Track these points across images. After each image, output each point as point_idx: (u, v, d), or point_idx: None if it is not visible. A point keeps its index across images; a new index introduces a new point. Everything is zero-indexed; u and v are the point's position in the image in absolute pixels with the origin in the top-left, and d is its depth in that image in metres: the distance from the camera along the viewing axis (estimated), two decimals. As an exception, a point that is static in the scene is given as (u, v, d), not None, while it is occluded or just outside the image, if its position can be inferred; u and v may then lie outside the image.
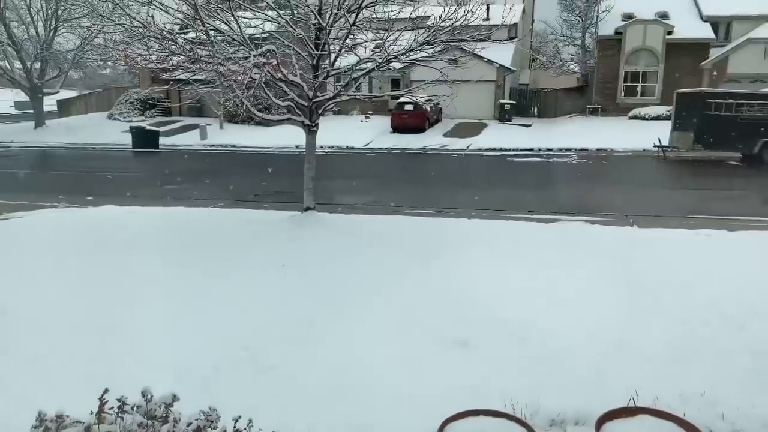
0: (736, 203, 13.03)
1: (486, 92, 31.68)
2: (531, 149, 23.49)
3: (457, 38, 10.35)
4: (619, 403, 3.76)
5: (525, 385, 4.15)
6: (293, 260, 7.90)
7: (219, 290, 6.68)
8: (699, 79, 29.53)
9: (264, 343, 5.20)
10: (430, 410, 3.22)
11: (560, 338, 5.12)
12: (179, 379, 4.34)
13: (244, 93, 9.16)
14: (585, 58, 37.37)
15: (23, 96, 33.77)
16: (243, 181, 17.25)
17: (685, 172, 18.53)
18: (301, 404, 4.05)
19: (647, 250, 8.31)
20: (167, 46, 8.93)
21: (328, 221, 10.43)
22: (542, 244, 8.64)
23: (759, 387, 4.16)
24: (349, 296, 6.40)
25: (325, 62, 10.29)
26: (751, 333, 5.15)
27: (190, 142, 27.67)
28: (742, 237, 9.15)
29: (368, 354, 4.92)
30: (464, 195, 14.34)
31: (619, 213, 11.79)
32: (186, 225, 10.48)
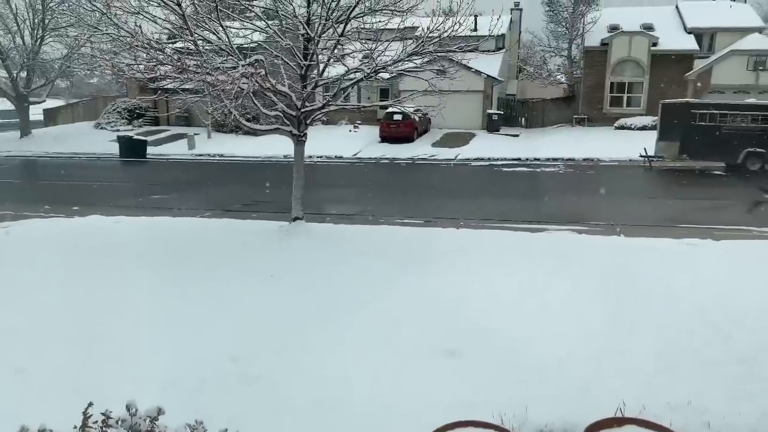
0: (721, 213, 13.17)
1: (474, 102, 31.87)
2: (518, 159, 23.63)
3: (445, 49, 10.43)
4: (606, 414, 3.77)
5: (513, 395, 4.16)
6: (281, 270, 7.86)
7: (206, 301, 6.63)
8: (684, 89, 29.92)
9: (251, 353, 5.17)
10: (418, 422, 3.21)
11: (548, 348, 5.13)
12: (165, 391, 4.31)
13: (233, 103, 9.15)
14: (571, 68, 37.72)
15: (9, 105, 33.47)
16: (231, 191, 17.19)
17: (671, 181, 18.71)
18: (288, 416, 4.02)
19: (634, 259, 8.37)
20: (155, 55, 8.91)
21: (316, 231, 10.41)
22: (530, 254, 8.67)
23: (744, 395, 4.19)
24: (337, 306, 6.38)
25: (314, 72, 10.31)
26: (736, 342, 5.19)
27: (178, 152, 27.55)
28: (727, 246, 9.24)
29: (356, 365, 4.91)
30: (453, 205, 14.38)
31: (606, 222, 11.87)
32: (173, 235, 10.41)
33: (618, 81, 32.28)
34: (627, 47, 31.57)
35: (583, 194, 16.38)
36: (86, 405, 2.86)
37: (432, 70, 11.50)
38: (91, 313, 6.17)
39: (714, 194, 15.86)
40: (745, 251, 8.81)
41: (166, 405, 3.20)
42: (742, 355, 4.91)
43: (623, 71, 32.10)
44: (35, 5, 29.82)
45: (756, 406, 4.03)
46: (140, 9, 8.92)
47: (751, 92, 28.15)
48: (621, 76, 32.20)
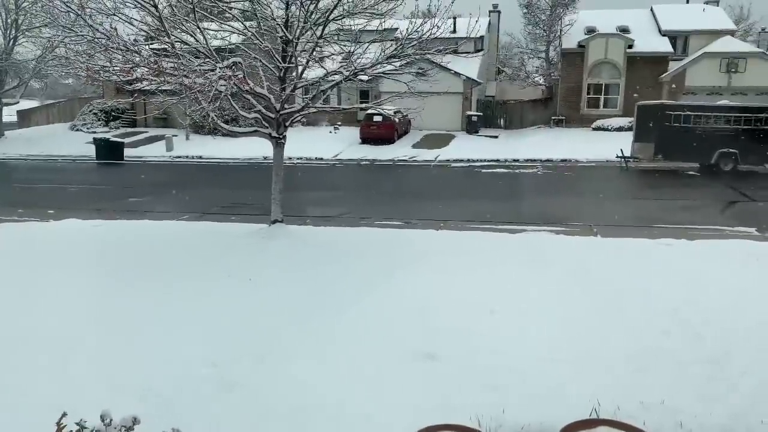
0: (695, 212, 13.42)
1: (454, 104, 32.05)
2: (497, 160, 23.81)
3: (424, 51, 10.47)
4: (582, 414, 3.83)
5: (490, 398, 4.19)
6: (261, 274, 7.83)
7: (183, 305, 6.58)
8: (659, 91, 30.42)
9: (230, 359, 5.14)
10: (397, 427, 3.22)
11: (525, 349, 5.19)
12: (141, 399, 4.28)
13: (210, 105, 9.09)
14: (549, 70, 38.11)
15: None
16: (210, 193, 17.06)
17: (647, 182, 19.01)
18: (266, 423, 4.01)
19: (610, 259, 8.49)
20: (131, 58, 8.81)
21: (296, 234, 10.39)
22: (508, 255, 8.75)
23: (716, 395, 4.28)
24: (316, 310, 6.38)
25: (293, 74, 10.29)
26: (708, 341, 5.30)
27: (155, 154, 27.25)
28: (701, 246, 9.42)
29: (335, 369, 4.91)
30: (433, 206, 14.45)
31: (583, 223, 12.02)
32: (151, 239, 10.30)
33: (595, 82, 32.71)
34: (603, 49, 32.01)
35: (560, 195, 16.57)
36: (60, 415, 2.83)
37: (411, 72, 11.54)
38: (65, 319, 6.08)
39: (688, 194, 16.15)
40: (718, 251, 8.99)
41: (143, 413, 3.17)
42: (714, 354, 5.01)
43: (600, 73, 32.53)
44: (8, 5, 29.26)
45: (726, 406, 4.12)
46: (116, 10, 8.82)
47: (724, 93, 28.72)
48: (598, 78, 32.63)
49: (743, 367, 4.77)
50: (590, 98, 32.88)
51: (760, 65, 29.32)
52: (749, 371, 4.69)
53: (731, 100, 25.13)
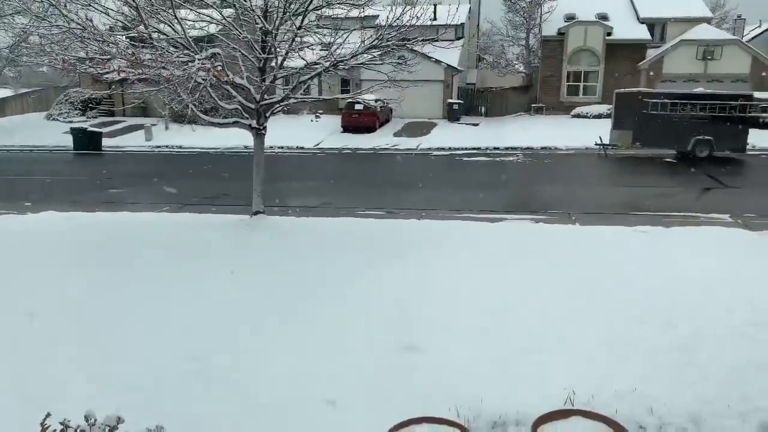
0: (671, 199, 13.66)
1: (435, 92, 32.05)
2: (479, 148, 23.93)
3: (404, 42, 10.48)
4: (557, 404, 3.95)
5: (469, 388, 4.30)
6: (242, 266, 7.85)
7: (164, 299, 6.58)
8: (637, 78, 30.71)
9: (212, 352, 5.18)
10: (378, 418, 3.30)
11: (503, 339, 5.31)
12: (124, 395, 4.30)
13: (190, 97, 9.03)
14: (529, 57, 38.25)
15: (-48, 96, 32.07)
16: (190, 184, 16.94)
17: (625, 169, 19.25)
18: (249, 417, 4.07)
19: (588, 248, 8.63)
20: (107, 49, 8.69)
21: (278, 225, 10.39)
22: (488, 244, 8.85)
23: (686, 382, 4.43)
24: (299, 302, 6.43)
25: (272, 65, 10.23)
26: (680, 329, 5.46)
27: (134, 144, 26.93)
28: (676, 233, 9.61)
29: (317, 361, 4.98)
30: (415, 195, 14.52)
31: (562, 211, 12.19)
32: (130, 231, 10.23)
33: (574, 70, 32.91)
34: (583, 37, 32.18)
35: (540, 183, 16.74)
36: (44, 415, 2.86)
37: (392, 62, 11.54)
38: (44, 316, 6.06)
39: (665, 181, 16.41)
40: (693, 238, 9.18)
41: (126, 408, 3.22)
42: (685, 342, 5.17)
43: (579, 60, 32.73)
44: (-22, -10, 28.52)
45: (694, 391, 4.27)
46: (91, 0, 8.69)
47: (701, 81, 29.11)
48: (577, 65, 32.83)
49: (713, 353, 4.93)
50: (570, 86, 33.09)
51: (735, 53, 29.73)
52: (718, 358, 4.85)
53: (707, 87, 25.53)
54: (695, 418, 3.97)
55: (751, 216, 11.30)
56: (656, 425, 3.92)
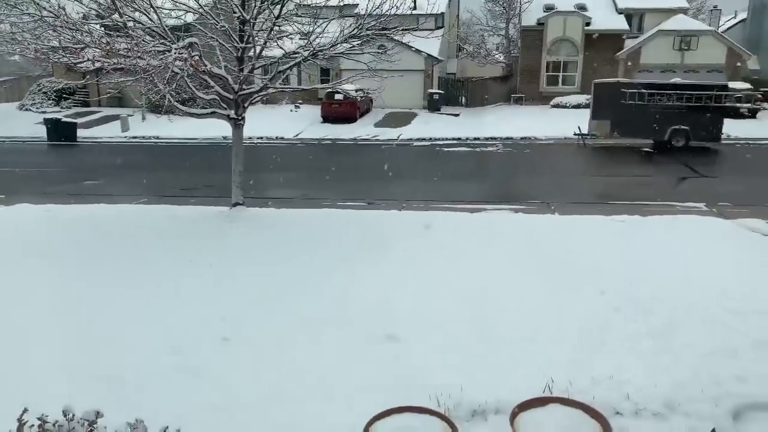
0: (648, 189, 13.86)
1: (415, 82, 32.01)
2: (459, 138, 23.99)
3: (384, 32, 10.45)
4: (536, 391, 4.01)
5: (449, 377, 4.34)
6: (222, 258, 7.81)
7: (143, 292, 6.52)
8: (615, 68, 31.00)
9: (193, 346, 5.15)
10: (359, 408, 3.32)
11: (483, 328, 5.36)
12: (103, 389, 4.26)
13: (167, 87, 8.90)
14: (509, 47, 38.37)
15: None
16: (168, 175, 16.76)
17: (603, 159, 19.47)
18: (232, 410, 4.06)
19: (567, 237, 8.75)
20: (81, 38, 8.53)
21: (257, 216, 10.34)
22: (468, 234, 8.92)
23: (660, 368, 4.53)
24: (278, 293, 6.42)
25: (251, 54, 10.13)
26: (656, 316, 5.56)
27: (110, 134, 26.52)
28: (653, 222, 9.77)
29: (298, 353, 4.98)
30: (395, 186, 14.53)
31: (541, 201, 12.30)
32: (107, 223, 10.11)
33: (553, 60, 33.09)
34: (562, 27, 32.35)
35: (520, 173, 16.87)
36: (21, 410, 2.83)
37: (372, 52, 11.49)
38: (22, 309, 5.97)
39: (642, 171, 16.64)
40: (669, 227, 9.35)
41: (105, 403, 3.19)
42: (660, 328, 5.27)
43: (558, 50, 32.91)
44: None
45: (669, 378, 4.36)
46: (64, -13, 8.51)
47: (677, 71, 29.47)
48: (556, 56, 33.01)
49: (687, 340, 5.04)
50: (549, 76, 33.29)
51: (710, 43, 30.13)
52: (692, 344, 4.96)
53: (684, 77, 25.85)
54: (670, 404, 4.06)
55: (726, 205, 11.52)
56: (632, 411, 4.00)
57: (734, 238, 8.71)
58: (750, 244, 8.42)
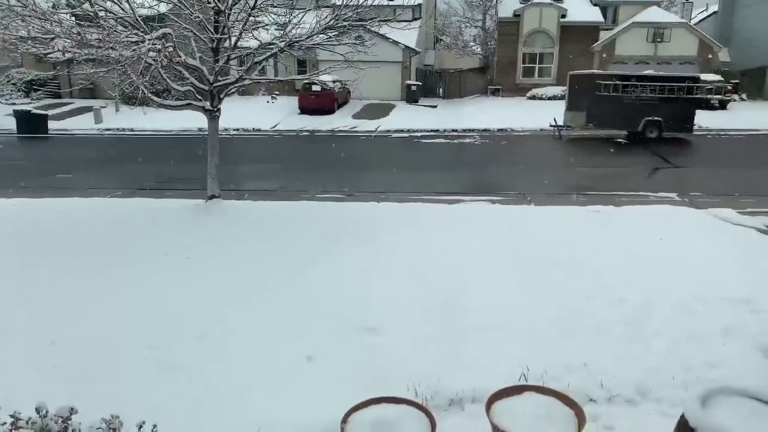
0: (622, 179, 14.05)
1: (393, 73, 31.97)
2: (437, 130, 24.05)
3: (361, 23, 10.40)
4: (512, 379, 4.07)
5: (427, 367, 4.38)
6: (198, 251, 7.75)
7: (118, 287, 6.45)
8: (591, 60, 31.29)
9: (169, 340, 5.12)
10: (337, 400, 3.34)
11: (460, 318, 5.42)
12: (78, 385, 4.22)
13: (140, 78, 8.77)
14: (486, 39, 38.48)
15: None
16: (143, 168, 16.52)
17: (578, 150, 19.67)
18: (207, 404, 4.05)
19: (542, 228, 8.85)
20: (51, 28, 8.34)
21: (234, 209, 10.26)
22: (446, 225, 8.97)
23: (633, 355, 4.63)
24: (255, 287, 6.39)
25: (226, 44, 10.01)
26: (626, 304, 5.68)
27: (83, 127, 26.02)
28: (627, 212, 9.93)
29: (276, 346, 4.98)
30: (374, 178, 14.53)
31: (518, 192, 12.41)
32: (81, 217, 9.95)
33: (530, 52, 33.29)
34: (538, 19, 32.53)
35: (497, 165, 16.97)
36: (-7, 409, 2.79)
37: (349, 43, 11.43)
38: (-6, 306, 5.87)
39: (616, 162, 16.88)
40: (642, 216, 9.51)
41: (80, 399, 3.16)
42: (632, 316, 5.38)
43: (534, 42, 33.11)
44: None
45: (640, 364, 4.47)
46: (31, -24, 8.30)
47: (651, 63, 29.89)
48: (532, 47, 33.21)
49: (659, 327, 5.16)
50: (525, 67, 33.48)
51: (683, 35, 30.58)
52: (663, 331, 5.08)
53: (657, 69, 26.22)
54: (642, 390, 4.15)
55: (697, 194, 11.75)
56: (606, 397, 4.08)
57: (705, 228, 8.89)
58: (720, 233, 8.61)
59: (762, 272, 6.64)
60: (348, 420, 3.01)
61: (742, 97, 29.04)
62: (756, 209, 10.13)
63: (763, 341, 4.90)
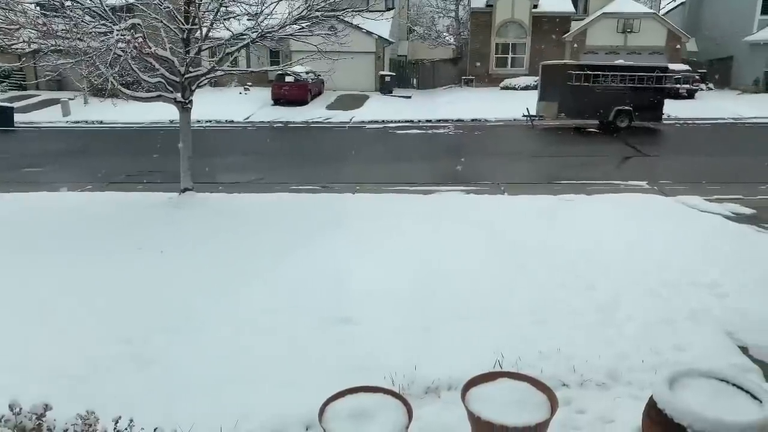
0: (594, 168, 14.26)
1: (367, 64, 31.85)
2: (411, 121, 24.07)
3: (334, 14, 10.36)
4: (487, 366, 4.14)
5: (404, 357, 4.43)
6: (172, 245, 7.68)
7: (91, 281, 6.38)
8: (562, 50, 31.59)
9: (144, 335, 5.08)
10: (315, 391, 3.36)
11: (436, 307, 5.48)
12: (52, 381, 4.18)
13: (109, 70, 8.61)
14: (459, 29, 38.54)
15: None
16: (114, 161, 16.22)
17: (551, 140, 19.88)
18: (183, 397, 4.04)
19: (516, 217, 8.97)
20: (15, 18, 8.13)
21: (207, 202, 10.18)
22: (421, 216, 9.03)
23: (603, 340, 4.74)
24: (231, 280, 6.37)
25: (197, 35, 9.88)
26: (598, 291, 5.81)
27: (51, 119, 25.38)
28: (598, 200, 10.11)
29: (252, 339, 4.98)
30: (349, 169, 14.50)
31: (492, 182, 12.52)
32: (51, 211, 9.77)
33: (502, 42, 33.44)
34: (510, 9, 32.67)
35: (471, 155, 17.05)
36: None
37: (321, 33, 11.38)
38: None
39: (588, 151, 17.10)
40: (613, 205, 9.69)
41: (54, 396, 3.13)
42: (603, 303, 5.51)
43: (507, 33, 33.27)
44: None
45: (612, 349, 4.58)
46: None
47: (621, 53, 30.26)
48: (505, 38, 33.37)
49: (629, 313, 5.29)
50: (498, 58, 33.64)
51: (652, 26, 31.02)
52: (634, 317, 5.21)
53: (627, 59, 26.56)
54: (612, 374, 4.26)
55: (666, 182, 12.00)
56: (578, 382, 4.18)
57: (674, 215, 9.10)
58: (688, 220, 8.82)
59: (727, 257, 6.83)
60: (325, 410, 3.03)
61: (709, 87, 29.65)
62: (722, 196, 10.40)
63: (728, 324, 5.06)
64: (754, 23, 29.25)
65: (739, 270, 6.34)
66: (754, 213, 9.30)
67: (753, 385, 2.98)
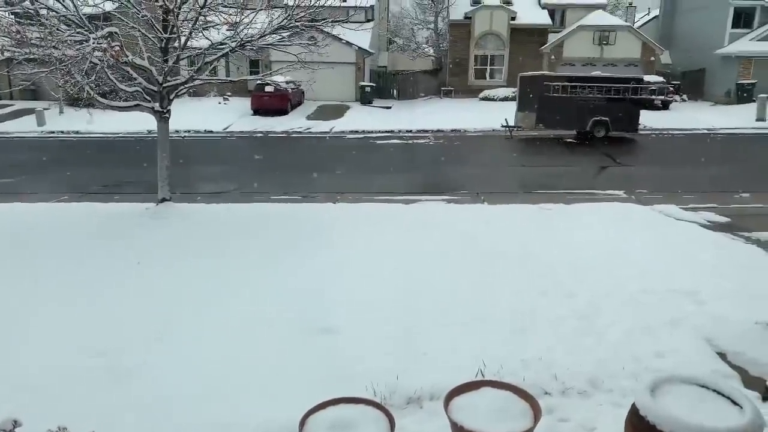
0: (572, 178, 14.43)
1: (347, 75, 31.92)
2: (391, 131, 24.12)
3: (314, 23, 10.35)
4: (470, 375, 4.11)
5: (385, 366, 4.39)
6: (149, 256, 7.56)
7: (65, 293, 6.24)
8: (540, 62, 31.98)
9: (120, 347, 4.97)
10: (296, 402, 3.30)
11: (417, 317, 5.46)
12: (23, 396, 4.05)
13: (85, 79, 8.48)
14: (438, 41, 38.84)
15: None
16: (90, 172, 15.98)
17: (529, 150, 20.06)
18: (162, 410, 3.94)
19: (495, 226, 9.00)
20: (-13, 27, 7.99)
21: (186, 212, 10.05)
22: (401, 226, 9.01)
23: (584, 348, 4.75)
24: (210, 291, 6.27)
25: (175, 44, 9.80)
26: (578, 299, 5.83)
27: (25, 129, 24.96)
28: (576, 209, 10.20)
29: (232, 350, 4.89)
30: (330, 179, 14.46)
31: (471, 192, 12.57)
32: (26, 222, 9.57)
33: (481, 54, 33.79)
34: (489, 21, 33.05)
35: (451, 165, 17.15)
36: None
37: (301, 43, 11.36)
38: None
39: (566, 161, 17.29)
40: (591, 213, 9.78)
41: (25, 411, 3.04)
42: (583, 310, 5.53)
43: (485, 44, 33.62)
44: None
45: (592, 356, 4.59)
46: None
47: (597, 64, 30.72)
48: (484, 49, 33.72)
49: (609, 320, 5.31)
50: (477, 69, 33.96)
51: (627, 38, 31.58)
52: (614, 324, 5.23)
53: (603, 70, 26.96)
54: (594, 382, 4.26)
55: (643, 192, 12.16)
56: (560, 390, 4.17)
57: (651, 223, 9.22)
58: (665, 228, 8.94)
59: (704, 265, 6.92)
60: (306, 422, 2.98)
61: (683, 98, 30.23)
62: (697, 205, 10.57)
63: (707, 330, 5.11)
64: (725, 36, 29.94)
65: (716, 277, 6.43)
66: (729, 221, 9.46)
67: (734, 390, 2.99)
